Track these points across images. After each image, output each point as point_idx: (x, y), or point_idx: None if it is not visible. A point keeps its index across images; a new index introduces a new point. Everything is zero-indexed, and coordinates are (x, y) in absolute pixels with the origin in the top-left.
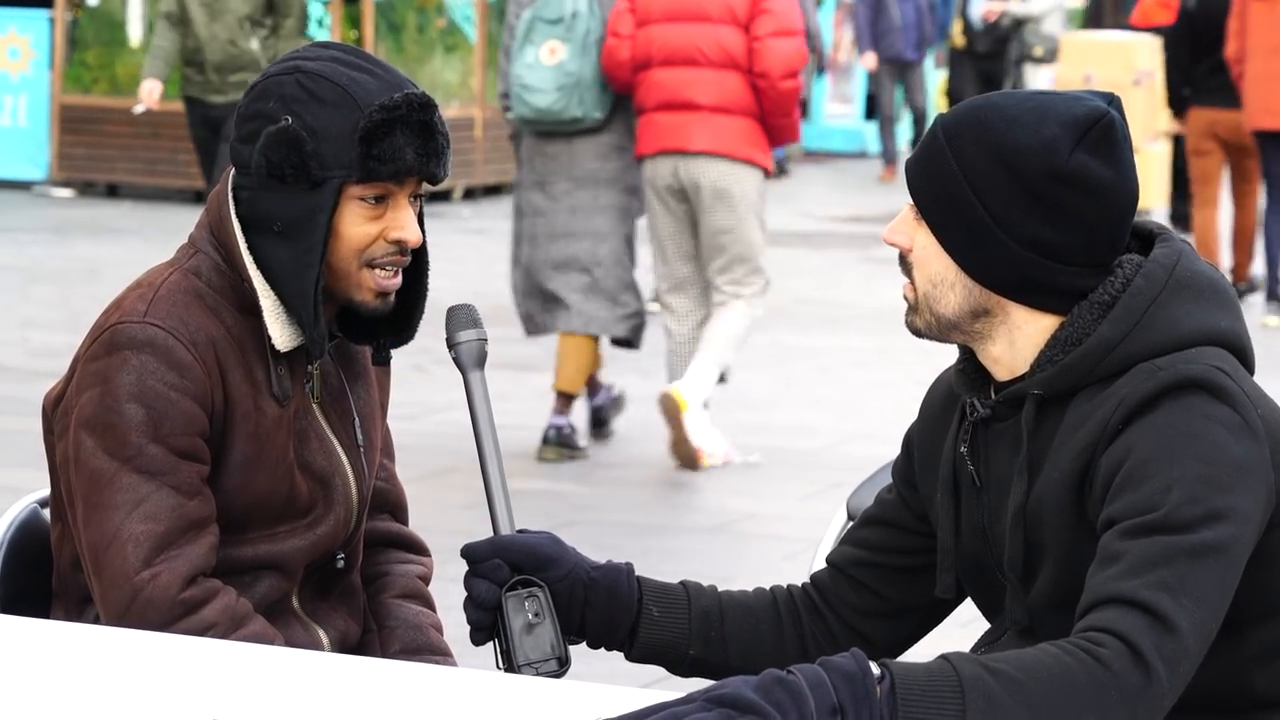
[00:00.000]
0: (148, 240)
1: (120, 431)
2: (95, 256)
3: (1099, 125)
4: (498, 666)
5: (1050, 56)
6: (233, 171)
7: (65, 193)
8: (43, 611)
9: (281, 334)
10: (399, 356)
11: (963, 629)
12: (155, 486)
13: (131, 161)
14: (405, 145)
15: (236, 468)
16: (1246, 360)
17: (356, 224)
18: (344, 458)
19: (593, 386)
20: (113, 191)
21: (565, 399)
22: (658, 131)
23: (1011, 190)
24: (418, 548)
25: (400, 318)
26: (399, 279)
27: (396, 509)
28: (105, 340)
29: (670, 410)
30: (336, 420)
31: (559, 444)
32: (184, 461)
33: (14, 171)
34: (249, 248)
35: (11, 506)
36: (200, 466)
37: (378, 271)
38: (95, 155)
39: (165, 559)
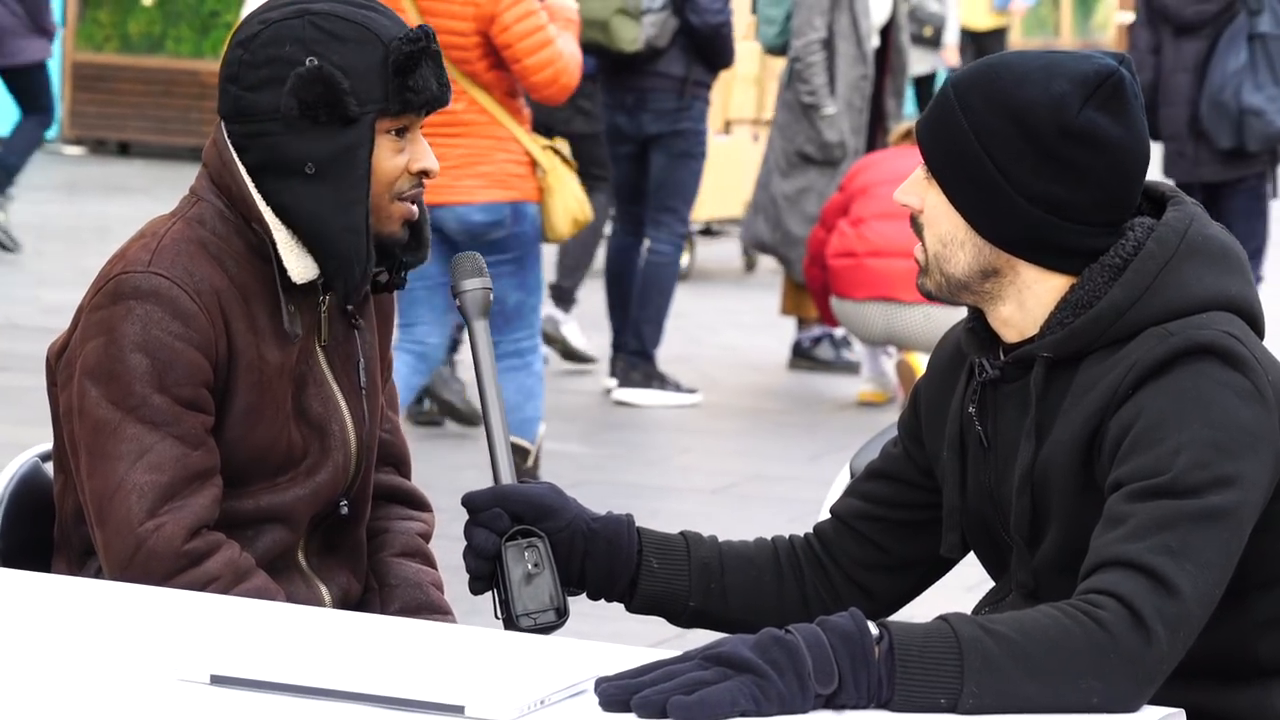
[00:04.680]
0: (158, 198)
1: (124, 381)
2: (106, 214)
3: (1109, 82)
4: (496, 616)
5: (938, 37)
6: (223, 123)
7: (76, 150)
8: (44, 565)
9: (297, 265)
10: None
11: (969, 592)
12: (159, 437)
13: (143, 120)
14: (430, 76)
15: (239, 417)
16: (1257, 325)
17: (388, 158)
18: (342, 403)
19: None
20: (124, 149)
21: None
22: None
23: (1020, 146)
24: (419, 503)
25: (410, 239)
26: (416, 206)
27: (400, 462)
28: (109, 290)
29: (908, 375)
30: (339, 364)
31: (796, 355)
32: (188, 412)
33: None
34: (266, 198)
35: (12, 460)
36: (204, 417)
37: (405, 204)
38: (107, 113)
39: (169, 510)
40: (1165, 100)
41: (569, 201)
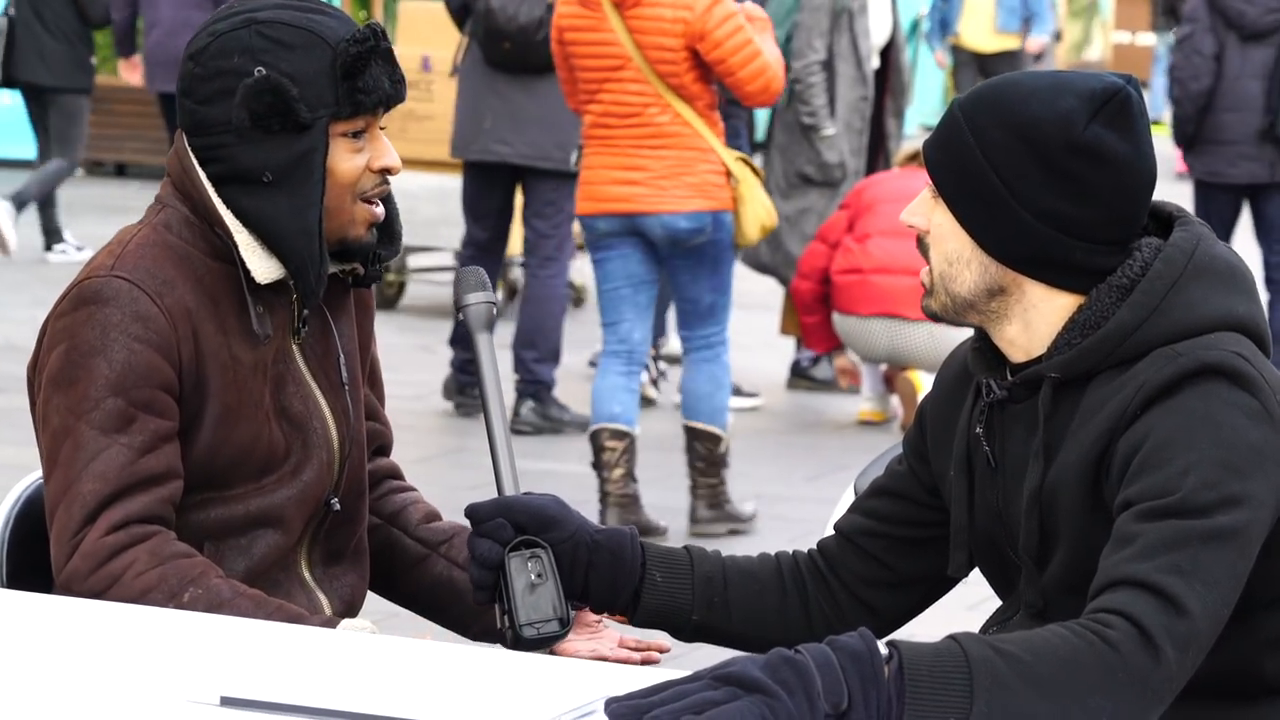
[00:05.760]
0: None
1: (81, 386)
2: (104, 236)
3: (1116, 99)
4: (499, 627)
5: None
6: (185, 135)
7: (75, 172)
8: (49, 586)
9: (260, 266)
10: (407, 337)
11: (970, 611)
12: (108, 443)
13: (140, 141)
14: (381, 74)
15: (217, 419)
16: (1264, 345)
17: (346, 159)
18: (322, 400)
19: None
20: (121, 171)
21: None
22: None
23: (1027, 162)
24: (402, 476)
25: (383, 234)
26: (382, 208)
27: (381, 451)
28: (73, 296)
29: (908, 392)
30: (317, 361)
31: (794, 374)
32: (144, 414)
33: (23, 150)
34: (228, 203)
35: (19, 482)
36: (161, 422)
37: (369, 205)
38: (104, 135)
39: (104, 516)
40: (1228, 105)
41: (758, 210)
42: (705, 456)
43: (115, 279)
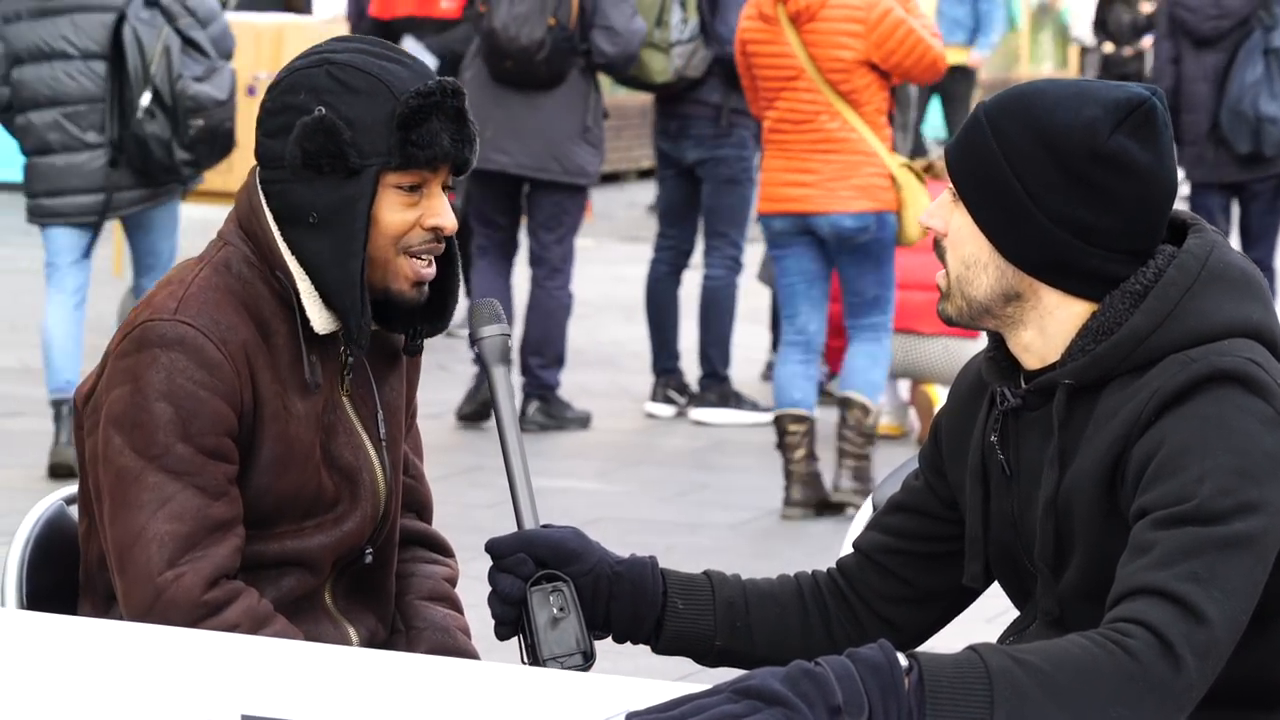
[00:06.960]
0: None
1: (148, 430)
2: (112, 258)
3: (1140, 109)
4: (523, 661)
5: None
6: (257, 167)
7: None
8: (69, 608)
9: (319, 316)
10: (422, 355)
11: (989, 624)
12: (180, 486)
13: None
14: (441, 131)
15: (265, 466)
16: (1277, 351)
17: (394, 211)
18: (372, 452)
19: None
20: None
21: None
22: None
23: (1050, 170)
24: (443, 548)
25: (434, 307)
26: (434, 269)
27: (422, 508)
28: (136, 337)
29: (925, 406)
30: (367, 414)
31: None
32: (211, 461)
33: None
34: (288, 242)
35: (37, 504)
36: (227, 467)
37: (415, 260)
38: None
39: (189, 560)
40: (1186, 107)
41: (919, 212)
42: (855, 426)
43: (181, 324)
